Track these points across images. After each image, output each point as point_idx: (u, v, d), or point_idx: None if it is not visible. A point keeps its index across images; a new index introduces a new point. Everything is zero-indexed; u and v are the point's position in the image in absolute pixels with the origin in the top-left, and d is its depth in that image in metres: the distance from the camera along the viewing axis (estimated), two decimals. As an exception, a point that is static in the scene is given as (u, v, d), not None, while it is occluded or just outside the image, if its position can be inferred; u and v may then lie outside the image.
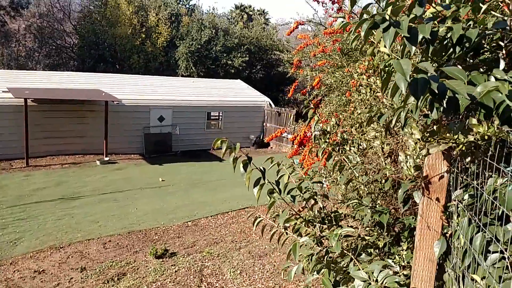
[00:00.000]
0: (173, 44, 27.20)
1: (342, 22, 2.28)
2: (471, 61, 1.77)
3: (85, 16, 27.40)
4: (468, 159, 1.79)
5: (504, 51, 1.65)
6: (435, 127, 1.64)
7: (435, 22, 1.67)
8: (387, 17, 1.60)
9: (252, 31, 29.40)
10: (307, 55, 6.50)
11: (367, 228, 2.62)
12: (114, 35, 25.46)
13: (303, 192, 2.78)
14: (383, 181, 2.50)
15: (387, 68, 1.88)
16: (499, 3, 1.67)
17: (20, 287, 6.29)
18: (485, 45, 1.73)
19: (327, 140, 2.80)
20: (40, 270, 6.82)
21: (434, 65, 1.90)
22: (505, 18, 1.64)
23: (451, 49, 1.66)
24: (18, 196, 10.41)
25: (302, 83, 11.18)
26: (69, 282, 6.48)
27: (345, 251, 2.47)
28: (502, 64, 1.62)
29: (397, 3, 1.63)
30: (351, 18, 4.05)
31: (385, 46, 1.60)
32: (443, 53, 1.74)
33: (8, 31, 29.67)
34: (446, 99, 1.45)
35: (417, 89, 1.41)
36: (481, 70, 1.68)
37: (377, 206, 2.60)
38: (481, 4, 1.61)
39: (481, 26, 1.60)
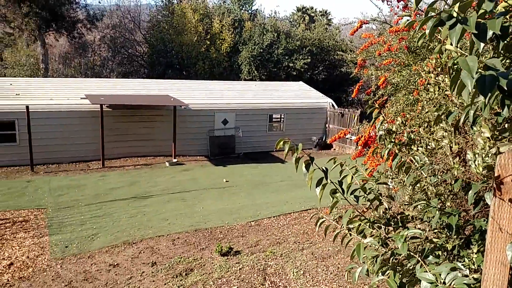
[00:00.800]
0: (236, 49, 27.81)
1: (408, 20, 2.25)
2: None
3: (154, 26, 28.86)
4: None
5: None
6: (506, 125, 1.58)
7: (507, 16, 1.62)
8: (454, 14, 1.58)
9: (314, 33, 29.24)
10: (371, 54, 6.39)
11: (435, 231, 2.55)
12: (181, 43, 26.57)
13: (367, 193, 2.77)
14: (453, 182, 2.43)
15: (455, 66, 1.84)
16: None
17: (96, 279, 6.80)
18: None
19: (393, 140, 2.76)
20: (114, 263, 7.32)
21: (506, 61, 1.83)
22: None
23: (525, 45, 1.60)
24: (95, 195, 11.22)
25: (366, 83, 10.95)
26: (140, 275, 6.89)
27: (411, 253, 2.43)
28: None
29: (465, -1, 1.60)
30: (418, 16, 3.94)
31: (451, 44, 1.58)
32: (516, 49, 1.68)
33: (85, 42, 32.08)
34: (517, 96, 1.41)
35: (484, 87, 1.38)
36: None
37: (446, 208, 2.52)
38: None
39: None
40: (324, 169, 2.56)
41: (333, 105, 19.47)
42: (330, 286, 6.56)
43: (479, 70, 1.50)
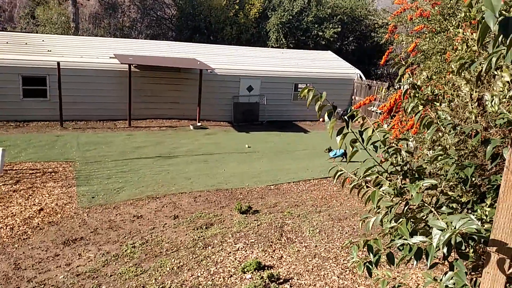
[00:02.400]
0: (265, 16, 27.38)
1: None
2: None
3: (183, -13, 28.55)
4: None
5: None
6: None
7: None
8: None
9: (346, 1, 28.40)
10: (403, 19, 6.27)
11: (451, 184, 2.61)
12: (209, 6, 26.32)
13: (386, 146, 2.83)
14: (472, 137, 2.46)
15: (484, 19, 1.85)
16: None
17: (121, 227, 7.14)
18: None
19: (417, 95, 2.79)
20: (138, 215, 7.65)
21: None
22: None
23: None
24: (121, 152, 11.59)
25: (396, 51, 10.69)
26: (163, 227, 7.21)
27: (425, 203, 2.49)
28: None
29: None
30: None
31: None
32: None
33: (115, 3, 32.14)
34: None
35: (507, 27, 1.39)
36: None
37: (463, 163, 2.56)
38: None
39: None
40: (346, 119, 2.64)
41: (360, 77, 19.15)
42: (344, 243, 6.75)
43: (504, 13, 1.51)
